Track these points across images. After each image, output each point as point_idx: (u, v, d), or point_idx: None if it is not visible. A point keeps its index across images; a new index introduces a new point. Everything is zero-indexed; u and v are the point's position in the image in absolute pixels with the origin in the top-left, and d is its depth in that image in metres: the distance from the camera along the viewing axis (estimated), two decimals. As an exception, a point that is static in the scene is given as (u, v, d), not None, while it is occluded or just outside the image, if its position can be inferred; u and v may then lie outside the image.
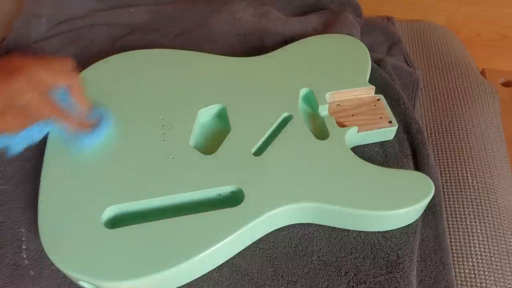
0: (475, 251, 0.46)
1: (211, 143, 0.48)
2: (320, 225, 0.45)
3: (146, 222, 0.40)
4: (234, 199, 0.43)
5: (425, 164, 0.49)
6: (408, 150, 0.51)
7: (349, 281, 0.41)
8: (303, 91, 0.51)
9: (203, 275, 0.41)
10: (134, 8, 0.68)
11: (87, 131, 0.44)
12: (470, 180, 0.52)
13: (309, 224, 0.45)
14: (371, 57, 0.56)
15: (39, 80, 0.40)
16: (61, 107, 0.42)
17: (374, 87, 0.52)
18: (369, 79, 0.54)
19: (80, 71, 0.53)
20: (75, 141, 0.44)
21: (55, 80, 0.41)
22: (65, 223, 0.40)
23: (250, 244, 0.43)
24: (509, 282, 0.44)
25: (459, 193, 0.51)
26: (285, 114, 0.49)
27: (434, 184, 0.43)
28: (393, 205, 0.42)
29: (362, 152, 0.50)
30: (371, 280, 0.41)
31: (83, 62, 0.53)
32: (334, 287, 0.41)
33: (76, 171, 0.43)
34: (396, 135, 0.51)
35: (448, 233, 0.48)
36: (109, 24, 0.65)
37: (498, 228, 0.48)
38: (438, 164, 0.54)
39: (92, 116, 0.45)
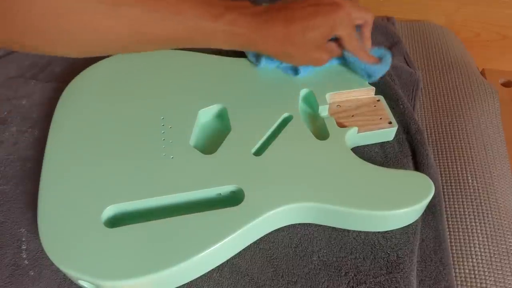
0: (475, 251, 0.46)
1: (211, 143, 0.48)
2: (320, 225, 0.45)
3: (146, 221, 0.40)
4: (234, 199, 0.43)
5: (425, 164, 0.49)
6: (408, 151, 0.51)
7: (349, 281, 0.41)
8: (303, 92, 0.51)
9: (203, 275, 0.41)
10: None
11: (375, 64, 0.51)
12: (470, 180, 0.52)
13: (309, 224, 0.45)
14: (371, 57, 0.56)
15: (353, 16, 0.45)
16: (358, 43, 0.48)
17: (374, 88, 0.52)
18: (369, 79, 0.54)
19: (80, 71, 0.53)
20: (364, 69, 0.51)
21: (361, 17, 0.47)
22: (65, 223, 0.40)
23: (250, 244, 0.43)
24: (509, 282, 0.44)
25: (459, 193, 0.51)
26: (285, 115, 0.49)
27: (434, 184, 0.43)
28: (393, 205, 0.42)
29: (362, 152, 0.50)
30: (371, 280, 0.41)
31: (83, 61, 0.53)
32: (334, 287, 0.41)
33: (76, 170, 0.43)
34: (396, 136, 0.51)
35: (448, 233, 0.48)
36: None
37: (498, 228, 0.48)
38: (438, 164, 0.55)
39: (375, 53, 0.51)
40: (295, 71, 0.52)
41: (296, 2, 0.45)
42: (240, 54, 0.59)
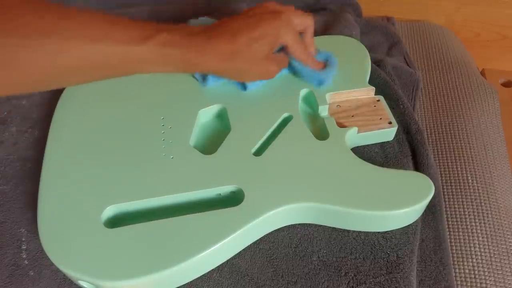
0: (475, 251, 0.46)
1: (211, 143, 0.48)
2: (320, 226, 0.45)
3: (146, 221, 0.40)
4: (234, 199, 0.43)
5: (425, 165, 0.49)
6: (408, 151, 0.51)
7: (349, 282, 0.41)
8: (303, 92, 0.51)
9: (203, 275, 0.41)
10: (134, 8, 0.68)
11: (321, 69, 0.51)
12: (470, 180, 0.52)
13: (309, 224, 0.45)
14: (371, 57, 0.56)
15: (294, 23, 0.44)
16: (306, 49, 0.48)
17: (374, 88, 0.52)
18: (369, 79, 0.54)
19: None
20: (313, 77, 0.50)
21: (301, 23, 0.46)
22: (65, 223, 0.40)
23: (250, 244, 0.43)
24: (509, 282, 0.44)
25: (459, 193, 0.51)
26: (285, 115, 0.49)
27: (434, 184, 0.43)
28: (393, 205, 0.42)
29: (362, 152, 0.50)
30: (371, 280, 0.41)
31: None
32: (334, 287, 0.41)
33: (76, 170, 0.43)
34: (396, 136, 0.51)
35: (448, 233, 0.48)
36: (109, 24, 0.65)
37: (498, 228, 0.48)
38: (438, 164, 0.54)
39: (319, 58, 0.51)
40: (243, 86, 0.50)
41: (235, 17, 0.44)
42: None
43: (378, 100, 0.52)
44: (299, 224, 0.45)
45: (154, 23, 0.39)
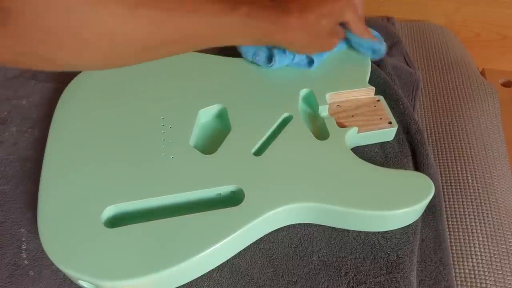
0: (475, 251, 0.46)
1: (211, 143, 0.48)
2: (320, 226, 0.45)
3: (146, 221, 0.40)
4: (234, 199, 0.43)
5: (425, 165, 0.49)
6: (408, 151, 0.51)
7: (349, 282, 0.41)
8: (303, 92, 0.51)
9: (203, 275, 0.41)
10: None
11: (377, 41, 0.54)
12: (470, 180, 0.52)
13: (309, 224, 0.45)
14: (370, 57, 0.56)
15: (354, 1, 0.48)
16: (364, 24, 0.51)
17: (374, 88, 0.52)
18: (369, 79, 0.54)
19: (80, 71, 0.53)
20: (371, 47, 0.54)
21: (359, 2, 0.49)
22: (65, 223, 0.40)
23: (250, 244, 0.43)
24: (509, 282, 0.44)
25: (459, 193, 0.51)
26: (285, 115, 0.49)
27: (434, 184, 0.43)
28: (393, 205, 0.42)
29: (362, 152, 0.50)
30: (371, 280, 0.41)
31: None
32: (334, 287, 0.41)
33: (76, 170, 0.43)
34: (396, 136, 0.51)
35: (448, 233, 0.48)
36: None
37: (498, 228, 0.48)
38: (438, 164, 0.54)
39: (371, 32, 0.54)
40: (309, 63, 0.53)
41: None
42: (240, 55, 0.59)
43: (378, 100, 0.52)
44: (299, 224, 0.45)
45: None
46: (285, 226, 0.44)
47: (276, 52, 0.51)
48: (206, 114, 0.50)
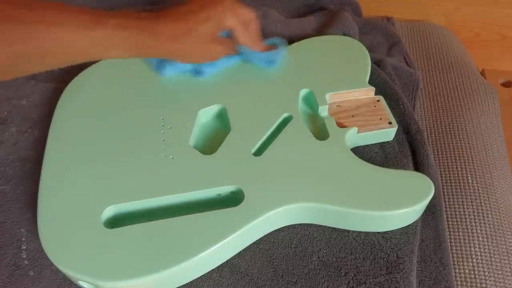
0: (475, 251, 0.46)
1: (211, 143, 0.48)
2: (320, 226, 0.45)
3: (146, 222, 0.40)
4: (234, 199, 0.43)
5: (425, 165, 0.49)
6: (408, 151, 0.51)
7: (349, 282, 0.41)
8: (303, 92, 0.51)
9: (203, 275, 0.41)
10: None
11: (271, 51, 0.52)
12: (470, 180, 0.52)
13: (309, 224, 0.45)
14: (371, 57, 0.56)
15: (238, 10, 0.47)
16: (251, 34, 0.50)
17: (374, 88, 0.52)
18: (369, 79, 0.54)
19: (80, 71, 0.53)
20: (261, 58, 0.52)
21: (247, 13, 0.48)
22: (65, 223, 0.40)
23: (250, 245, 0.43)
24: (509, 282, 0.44)
25: (459, 193, 0.51)
26: (285, 115, 0.49)
27: (434, 184, 0.43)
28: (393, 205, 0.42)
29: (362, 152, 0.50)
30: (371, 280, 0.41)
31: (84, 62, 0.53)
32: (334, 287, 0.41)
33: (76, 170, 0.43)
34: (396, 136, 0.51)
35: (448, 233, 0.48)
36: (109, 24, 0.65)
37: (498, 228, 0.48)
38: (438, 164, 0.54)
39: (267, 43, 0.53)
40: (199, 72, 0.52)
41: (182, 3, 0.46)
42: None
43: (378, 100, 0.52)
44: (299, 224, 0.45)
45: (108, 11, 0.41)
46: (285, 226, 0.44)
47: (167, 60, 0.50)
48: (206, 114, 0.50)
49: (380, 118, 0.50)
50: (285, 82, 0.52)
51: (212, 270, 0.41)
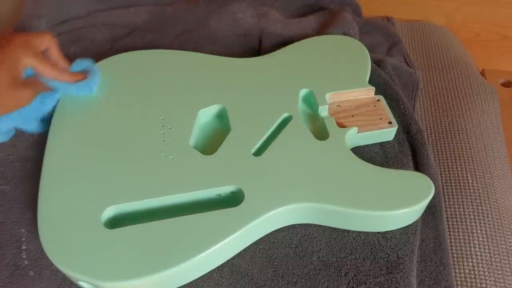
0: (475, 251, 0.46)
1: (211, 143, 0.48)
2: (320, 226, 0.45)
3: (146, 222, 0.40)
4: (234, 199, 0.43)
5: (425, 165, 0.49)
6: (408, 151, 0.51)
7: (349, 282, 0.41)
8: (303, 92, 0.51)
9: (203, 275, 0.41)
10: (134, 8, 0.68)
11: (83, 80, 0.48)
12: (470, 180, 0.52)
13: (309, 224, 0.45)
14: (371, 57, 0.56)
15: (30, 43, 0.43)
16: (54, 66, 0.45)
17: (374, 88, 0.52)
18: (369, 79, 0.54)
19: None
20: (72, 89, 0.47)
21: (42, 42, 0.44)
22: (65, 223, 0.40)
23: (250, 245, 0.43)
24: (509, 282, 0.44)
25: (459, 193, 0.51)
26: (285, 115, 0.49)
27: (434, 184, 0.43)
28: (393, 205, 0.42)
29: (362, 152, 0.50)
30: (371, 280, 0.41)
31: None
32: (334, 287, 0.41)
33: (76, 171, 0.43)
34: (396, 136, 0.51)
35: (448, 233, 0.48)
36: (109, 25, 0.65)
37: (498, 228, 0.48)
38: (438, 164, 0.54)
39: (76, 67, 0.49)
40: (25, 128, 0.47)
41: None
42: (241, 54, 0.59)
43: (378, 100, 0.52)
44: (299, 224, 0.45)
45: None
46: (285, 226, 0.44)
47: None
48: (206, 114, 0.50)
49: (380, 118, 0.50)
50: (285, 82, 0.52)
51: (212, 270, 0.41)
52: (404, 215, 0.43)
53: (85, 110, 0.49)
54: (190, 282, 0.41)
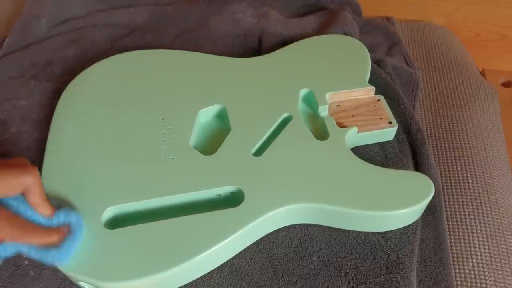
0: (475, 251, 0.46)
1: (211, 143, 0.48)
2: (320, 226, 0.45)
3: (146, 222, 0.40)
4: (234, 200, 0.43)
5: (425, 165, 0.49)
6: (408, 151, 0.51)
7: (349, 282, 0.41)
8: (303, 92, 0.51)
9: (203, 276, 0.41)
10: (134, 8, 0.68)
11: (59, 241, 0.36)
12: (470, 180, 0.52)
13: (309, 224, 0.45)
14: (371, 57, 0.56)
15: (4, 191, 0.33)
16: (21, 223, 0.34)
17: (374, 87, 0.52)
18: (369, 79, 0.54)
19: (80, 71, 0.53)
20: (48, 256, 0.35)
21: (18, 185, 0.34)
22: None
23: (250, 245, 0.43)
24: (509, 282, 0.44)
25: (459, 193, 0.51)
26: (285, 115, 0.49)
27: (434, 184, 0.43)
28: (393, 205, 0.42)
29: (362, 152, 0.50)
30: (371, 280, 0.41)
31: (83, 62, 0.53)
32: (334, 287, 0.41)
33: (76, 171, 0.43)
34: (396, 136, 0.51)
35: (448, 233, 0.48)
36: (109, 25, 0.65)
37: (498, 228, 0.48)
38: (438, 164, 0.54)
39: (59, 220, 0.37)
40: None
41: None
42: (241, 54, 0.59)
43: (378, 100, 0.52)
44: (299, 224, 0.45)
45: None
46: (285, 226, 0.44)
47: None
48: (206, 114, 0.50)
49: (380, 118, 0.50)
50: (285, 82, 0.52)
51: (212, 270, 0.41)
52: (404, 215, 0.43)
53: (85, 111, 0.49)
54: (190, 282, 0.41)
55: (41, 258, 0.35)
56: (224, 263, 0.42)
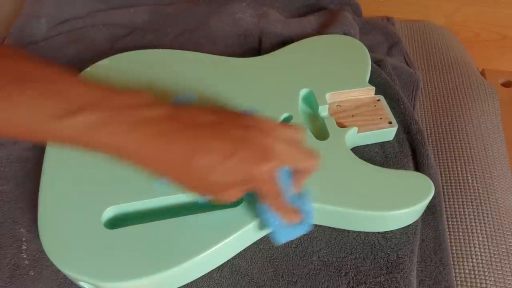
0: (475, 251, 0.46)
1: (211, 143, 0.48)
2: (320, 226, 0.45)
3: (146, 222, 0.40)
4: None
5: (425, 165, 0.49)
6: (408, 151, 0.51)
7: (349, 282, 0.41)
8: (303, 92, 0.51)
9: (203, 276, 0.41)
10: (134, 8, 0.68)
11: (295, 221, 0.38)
12: (470, 180, 0.52)
13: (309, 224, 0.45)
14: (371, 57, 0.56)
15: (285, 158, 0.33)
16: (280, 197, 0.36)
17: (374, 87, 0.52)
18: (369, 79, 0.54)
19: (80, 71, 0.53)
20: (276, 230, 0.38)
21: (299, 162, 0.35)
22: (65, 224, 0.40)
23: (250, 245, 0.43)
24: (509, 282, 0.44)
25: (459, 193, 0.51)
26: (285, 115, 0.49)
27: (434, 184, 0.43)
28: (393, 205, 0.42)
29: (362, 152, 0.50)
30: (371, 280, 0.41)
31: (83, 62, 0.53)
32: (334, 287, 0.41)
33: (76, 171, 0.43)
34: (396, 136, 0.51)
35: (448, 233, 0.48)
36: (109, 25, 0.65)
37: (498, 228, 0.48)
38: (438, 164, 0.54)
39: (303, 202, 0.39)
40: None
41: (210, 117, 0.33)
42: (241, 54, 0.59)
43: (378, 100, 0.52)
44: (299, 224, 0.45)
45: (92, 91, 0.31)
46: (285, 226, 0.44)
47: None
48: (206, 114, 0.50)
49: (380, 118, 0.50)
50: (285, 82, 0.52)
51: (212, 270, 0.41)
52: (404, 215, 0.43)
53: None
54: (190, 282, 0.41)
55: (271, 226, 0.38)
56: (224, 263, 0.42)
